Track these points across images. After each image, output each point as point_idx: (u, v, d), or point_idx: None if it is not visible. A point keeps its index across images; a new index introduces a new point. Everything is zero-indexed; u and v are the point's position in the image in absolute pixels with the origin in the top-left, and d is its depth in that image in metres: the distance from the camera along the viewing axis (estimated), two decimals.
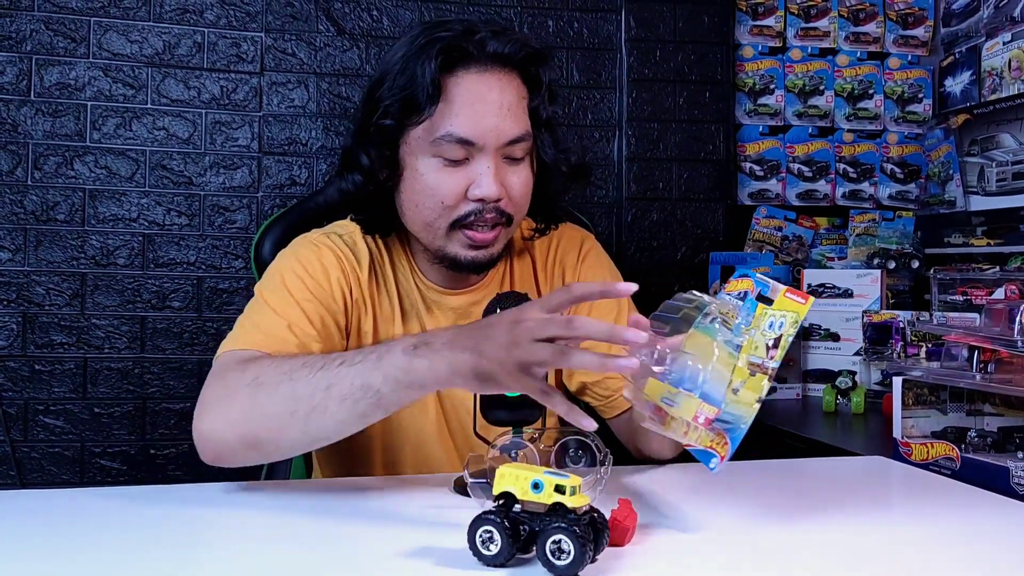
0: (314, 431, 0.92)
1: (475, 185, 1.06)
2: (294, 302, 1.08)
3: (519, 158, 1.10)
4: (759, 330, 0.83)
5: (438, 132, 1.06)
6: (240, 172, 1.97)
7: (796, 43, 2.29)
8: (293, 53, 1.99)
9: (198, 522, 0.88)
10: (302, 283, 1.10)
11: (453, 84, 1.06)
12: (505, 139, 1.07)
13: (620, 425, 1.24)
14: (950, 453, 1.18)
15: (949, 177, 2.17)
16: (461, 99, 1.06)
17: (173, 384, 1.94)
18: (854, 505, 0.98)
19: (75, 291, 1.90)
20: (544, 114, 1.12)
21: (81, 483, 1.90)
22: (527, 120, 1.10)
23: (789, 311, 0.84)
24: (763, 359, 0.82)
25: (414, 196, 1.10)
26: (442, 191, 1.07)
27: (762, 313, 0.85)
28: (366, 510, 0.93)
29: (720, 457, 0.82)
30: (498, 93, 1.07)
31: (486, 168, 1.06)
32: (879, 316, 1.87)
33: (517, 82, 1.10)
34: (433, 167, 1.07)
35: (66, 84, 1.89)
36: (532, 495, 0.72)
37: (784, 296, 0.85)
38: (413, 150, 1.09)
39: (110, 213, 1.91)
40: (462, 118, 1.05)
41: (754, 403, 0.82)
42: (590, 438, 0.86)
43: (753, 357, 0.82)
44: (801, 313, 0.84)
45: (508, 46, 1.07)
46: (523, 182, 1.11)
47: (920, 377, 1.29)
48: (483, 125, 1.05)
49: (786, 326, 0.84)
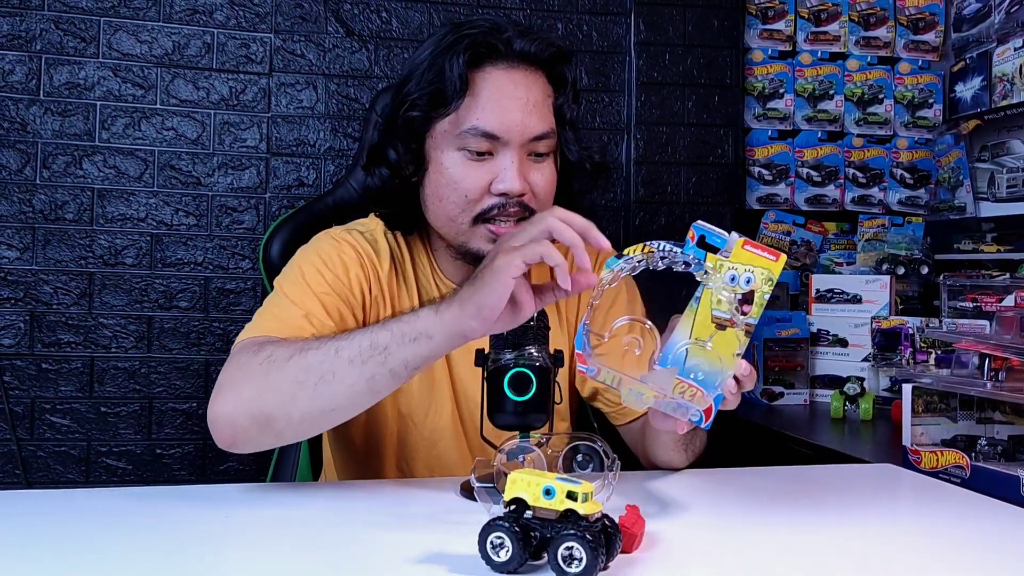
0: (324, 400, 0.92)
1: (499, 179, 1.07)
2: (312, 294, 1.08)
3: (543, 155, 1.11)
4: (717, 283, 0.82)
5: (464, 125, 1.07)
6: (248, 173, 1.97)
7: (806, 47, 2.28)
8: (302, 54, 1.99)
9: (204, 524, 0.88)
10: (321, 276, 1.10)
11: (480, 79, 1.08)
12: (530, 135, 1.08)
13: (631, 433, 1.24)
14: (960, 461, 1.17)
15: (959, 183, 2.16)
16: (488, 94, 1.08)
17: (180, 384, 1.94)
18: (863, 513, 0.97)
19: (83, 290, 1.90)
20: (568, 113, 1.14)
21: (87, 483, 1.91)
22: (552, 118, 1.12)
23: (758, 267, 0.82)
24: (731, 314, 0.81)
25: (438, 190, 1.11)
26: (466, 184, 1.08)
27: (717, 264, 0.83)
28: (374, 514, 0.93)
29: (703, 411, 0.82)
30: (524, 90, 1.09)
31: (510, 163, 1.07)
32: (888, 322, 1.86)
33: (543, 81, 1.11)
34: (458, 161, 1.09)
35: (75, 84, 1.90)
36: (544, 501, 0.72)
37: (743, 248, 0.83)
38: (439, 144, 1.10)
39: (118, 213, 1.91)
40: (488, 112, 1.07)
41: (731, 356, 0.82)
42: (598, 444, 0.86)
43: (718, 311, 0.81)
44: (775, 271, 0.83)
45: (535, 45, 1.09)
46: (547, 179, 1.12)
47: (930, 384, 1.28)
48: (508, 120, 1.07)
49: (757, 282, 0.82)
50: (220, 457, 1.95)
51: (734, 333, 0.82)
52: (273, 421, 0.93)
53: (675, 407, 0.85)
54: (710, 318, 0.82)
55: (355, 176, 1.45)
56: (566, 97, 1.14)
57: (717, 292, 0.82)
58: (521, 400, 0.91)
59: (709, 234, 0.84)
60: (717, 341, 0.83)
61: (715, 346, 0.83)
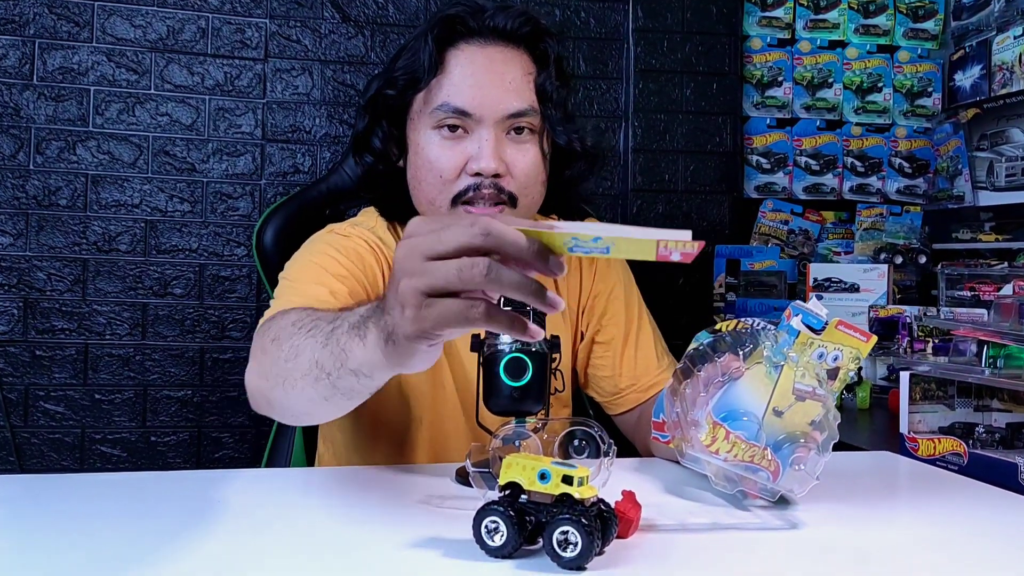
0: (294, 404, 0.83)
1: (473, 159, 1.05)
2: (330, 276, 1.04)
3: (523, 134, 1.08)
4: (804, 357, 0.85)
5: (436, 102, 1.06)
6: (243, 159, 1.96)
7: (805, 35, 2.27)
8: (298, 40, 1.98)
9: (198, 509, 0.87)
10: (336, 262, 1.07)
11: (452, 57, 1.07)
12: (505, 112, 1.06)
13: (627, 422, 1.23)
14: (957, 449, 1.16)
15: (958, 172, 2.15)
16: (460, 70, 1.07)
17: (174, 371, 1.93)
18: (861, 500, 0.97)
19: (76, 277, 1.89)
20: (551, 90, 1.10)
21: (81, 469, 1.89)
22: (532, 96, 1.09)
23: (847, 346, 0.86)
24: (814, 387, 0.84)
25: (417, 172, 1.09)
26: (440, 164, 1.06)
27: (807, 341, 0.86)
28: (369, 500, 0.92)
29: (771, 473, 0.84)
30: (500, 65, 1.07)
31: (484, 141, 1.05)
32: (885, 311, 1.86)
33: (524, 58, 1.09)
34: (434, 141, 1.07)
35: (69, 68, 1.88)
36: (539, 485, 0.71)
37: (836, 328, 0.86)
38: (416, 126, 1.09)
39: (112, 199, 1.90)
40: (458, 88, 1.06)
41: (807, 425, 0.84)
42: (595, 429, 0.85)
43: (801, 384, 0.84)
44: (863, 351, 0.87)
45: (511, 21, 1.08)
46: (528, 160, 1.08)
47: (928, 372, 1.27)
48: (480, 96, 1.05)
49: (844, 360, 0.86)
50: (215, 445, 1.94)
51: (811, 403, 0.85)
52: (271, 402, 0.87)
53: (744, 469, 0.86)
54: (791, 389, 0.84)
55: (349, 163, 1.43)
56: (548, 74, 1.10)
57: (803, 367, 0.85)
58: (517, 386, 0.90)
59: (807, 315, 0.87)
60: (795, 411, 0.85)
61: (792, 415, 0.85)
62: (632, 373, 1.23)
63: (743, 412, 0.86)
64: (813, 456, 0.85)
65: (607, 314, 1.24)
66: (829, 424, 0.85)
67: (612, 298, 1.25)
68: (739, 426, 0.85)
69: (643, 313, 1.28)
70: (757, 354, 0.86)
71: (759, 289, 2.04)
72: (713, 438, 0.85)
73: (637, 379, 1.23)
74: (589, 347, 1.25)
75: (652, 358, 1.24)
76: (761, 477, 0.86)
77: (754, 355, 0.87)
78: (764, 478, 0.86)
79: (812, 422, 0.85)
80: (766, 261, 2.07)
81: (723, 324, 0.90)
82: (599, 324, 1.24)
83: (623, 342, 1.24)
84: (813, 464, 0.84)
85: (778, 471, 0.86)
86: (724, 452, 0.85)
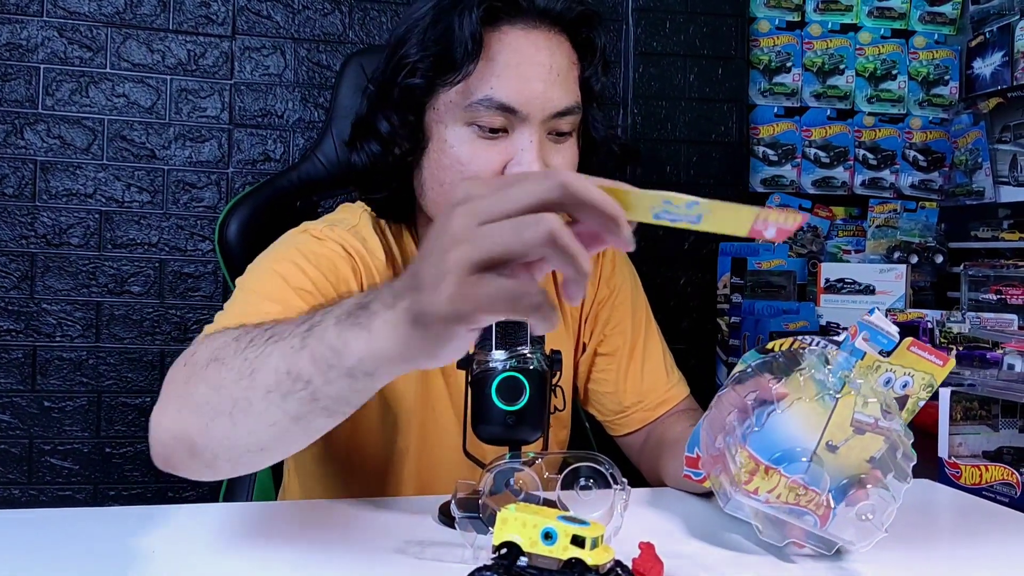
0: (245, 437, 0.68)
1: (514, 161, 0.90)
2: (290, 289, 0.89)
3: (566, 134, 0.94)
4: (869, 384, 0.73)
5: (475, 95, 0.89)
6: (208, 145, 1.84)
7: (816, 17, 2.15)
8: (269, 15, 1.85)
9: (145, 548, 0.73)
10: (301, 272, 0.91)
11: (496, 40, 0.90)
12: (552, 110, 0.91)
13: (632, 445, 1.12)
14: (1009, 478, 1.04)
15: (977, 166, 2.05)
16: (505, 58, 0.90)
17: (131, 377, 1.82)
18: (898, 536, 0.83)
19: (24, 273, 1.78)
20: (596, 86, 0.97)
21: (29, 483, 1.78)
22: (577, 90, 0.94)
23: (919, 370, 0.77)
24: (876, 418, 0.71)
25: (439, 172, 0.93)
26: (474, 166, 0.91)
27: (873, 364, 0.76)
28: (332, 547, 0.78)
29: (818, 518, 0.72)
30: (547, 55, 0.91)
31: (529, 142, 0.90)
32: (904, 315, 1.73)
33: (567, 46, 0.94)
34: (465, 138, 0.91)
35: (16, 45, 1.76)
36: (543, 547, 0.58)
37: (908, 350, 0.77)
38: (442, 117, 0.92)
39: (63, 188, 1.79)
40: (505, 80, 0.89)
41: (864, 463, 0.72)
42: (604, 466, 0.72)
43: (862, 414, 0.72)
44: (938, 377, 0.78)
45: (560, 2, 0.92)
46: (569, 163, 0.95)
47: (973, 390, 1.15)
48: (529, 90, 0.89)
49: (914, 387, 0.77)
50: None
51: (871, 437, 0.72)
52: (197, 450, 0.70)
53: (787, 512, 0.73)
54: (849, 420, 0.72)
55: (322, 149, 1.31)
56: (595, 67, 0.96)
57: (866, 394, 0.72)
58: (511, 410, 0.77)
59: (875, 333, 0.76)
60: (852, 445, 0.72)
61: (848, 451, 0.72)
62: (638, 389, 1.11)
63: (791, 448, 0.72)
64: (879, 501, 0.71)
65: (611, 322, 1.12)
66: (898, 464, 0.71)
67: (618, 304, 1.12)
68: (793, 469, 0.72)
69: (651, 322, 1.15)
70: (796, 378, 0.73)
71: (767, 290, 1.91)
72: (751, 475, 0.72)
73: (644, 396, 1.10)
74: (591, 359, 1.13)
75: (661, 372, 1.12)
76: (807, 522, 0.72)
77: (793, 378, 0.73)
78: (810, 523, 0.72)
79: (871, 459, 0.72)
80: (775, 260, 1.94)
81: (775, 343, 0.77)
82: (603, 333, 1.12)
83: (628, 354, 1.11)
84: (881, 512, 0.71)
85: (827, 516, 0.72)
86: (765, 492, 0.72)
